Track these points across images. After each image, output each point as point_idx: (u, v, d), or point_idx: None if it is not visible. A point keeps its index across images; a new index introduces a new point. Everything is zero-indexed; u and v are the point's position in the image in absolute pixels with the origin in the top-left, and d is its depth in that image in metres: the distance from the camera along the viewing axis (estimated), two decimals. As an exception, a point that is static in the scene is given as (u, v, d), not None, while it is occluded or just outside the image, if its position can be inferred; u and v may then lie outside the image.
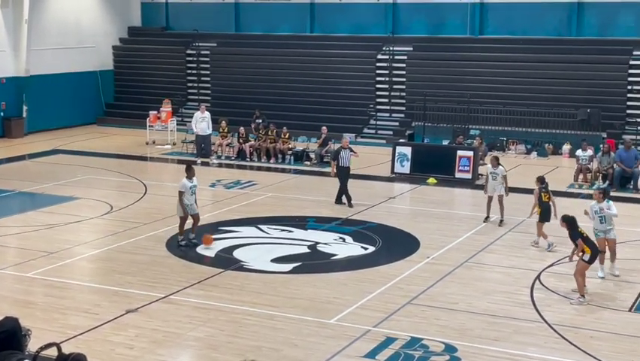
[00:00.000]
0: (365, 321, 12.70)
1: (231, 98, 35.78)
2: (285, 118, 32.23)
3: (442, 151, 25.99)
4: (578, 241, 13.80)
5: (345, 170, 21.05)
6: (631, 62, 31.19)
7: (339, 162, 21.03)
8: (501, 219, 19.04)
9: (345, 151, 21.10)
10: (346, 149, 21.15)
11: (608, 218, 15.00)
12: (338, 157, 21.07)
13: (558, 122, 30.21)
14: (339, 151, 21.13)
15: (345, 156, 21.04)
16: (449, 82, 32.68)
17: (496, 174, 19.12)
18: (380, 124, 33.68)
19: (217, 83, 37.13)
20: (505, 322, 12.76)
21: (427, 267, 15.73)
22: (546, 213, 17.04)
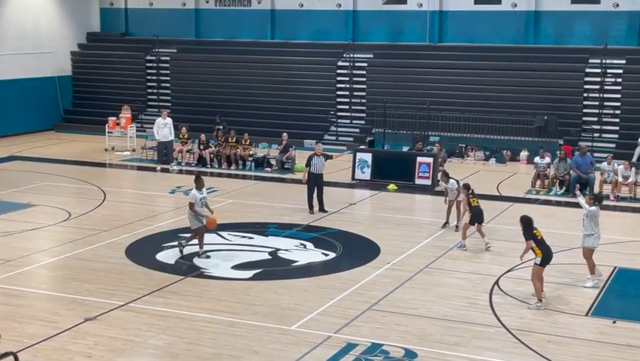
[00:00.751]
0: (326, 327, 12.70)
1: (192, 105, 35.61)
2: (246, 124, 32.15)
3: (402, 158, 26.11)
4: (528, 242, 13.96)
5: (316, 176, 21.06)
6: (587, 70, 31.69)
7: (310, 169, 21.02)
8: (457, 225, 19.21)
9: (318, 158, 21.11)
10: (319, 156, 21.15)
11: (587, 224, 15.11)
12: (310, 163, 21.07)
13: (516, 129, 30.56)
14: (311, 158, 21.14)
15: (316, 163, 21.04)
16: (409, 89, 32.89)
17: (451, 188, 19.36)
18: (341, 130, 33.77)
19: (177, 89, 36.92)
20: (465, 327, 12.85)
21: (387, 273, 15.78)
22: (478, 216, 17.53)
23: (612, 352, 11.94)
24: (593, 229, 15.08)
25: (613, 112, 30.89)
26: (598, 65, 31.55)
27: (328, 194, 21.41)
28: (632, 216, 21.71)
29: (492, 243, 17.70)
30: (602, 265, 15.61)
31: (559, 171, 24.37)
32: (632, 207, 22.42)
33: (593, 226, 15.08)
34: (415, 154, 25.69)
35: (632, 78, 30.92)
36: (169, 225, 19.44)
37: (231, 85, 35.85)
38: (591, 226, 15.09)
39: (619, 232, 19.16)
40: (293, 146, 27.96)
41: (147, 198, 22.91)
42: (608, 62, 31.40)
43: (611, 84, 31.18)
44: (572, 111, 31.14)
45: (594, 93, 31.31)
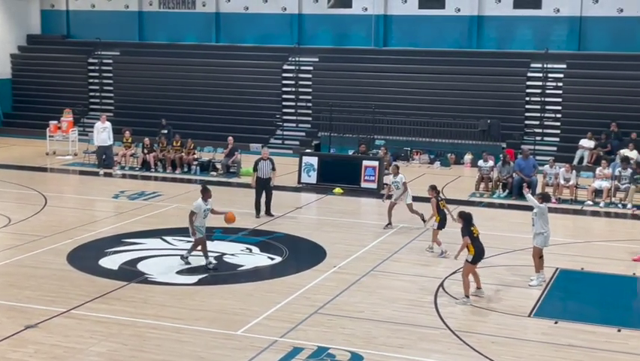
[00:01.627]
0: (272, 332, 12.68)
1: (135, 108, 35.25)
2: (191, 128, 31.95)
3: (347, 161, 26.24)
4: (465, 238, 14.18)
5: (264, 181, 20.98)
6: (529, 75, 32.27)
7: (258, 173, 20.94)
8: (423, 220, 19.39)
9: (265, 162, 21.02)
10: (266, 160, 21.07)
11: (537, 223, 15.36)
12: (257, 168, 20.98)
13: (460, 132, 30.94)
14: (258, 162, 21.05)
15: (263, 167, 20.97)
16: (355, 92, 33.07)
17: (397, 182, 19.50)
18: (287, 134, 33.78)
19: (120, 92, 36.52)
20: (410, 329, 12.95)
21: (333, 276, 15.82)
22: (445, 221, 17.43)
23: (554, 352, 12.16)
24: (542, 227, 15.31)
25: (554, 116, 31.51)
26: (539, 70, 32.15)
27: (275, 198, 21.36)
28: (573, 218, 22.15)
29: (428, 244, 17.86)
30: (544, 267, 15.85)
31: (502, 174, 24.74)
32: (573, 210, 22.87)
33: (542, 225, 15.30)
34: (361, 158, 25.83)
35: (573, 82, 31.60)
36: (112, 230, 19.19)
37: (176, 88, 35.59)
38: (541, 224, 15.31)
39: (560, 234, 19.50)
40: (239, 150, 27.88)
41: (89, 204, 22.59)
42: (549, 67, 32.02)
43: (552, 88, 31.80)
44: (515, 115, 31.68)
45: (536, 97, 31.90)
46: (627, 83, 30.75)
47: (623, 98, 30.54)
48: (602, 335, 12.84)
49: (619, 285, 15.87)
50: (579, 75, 31.67)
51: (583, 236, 19.78)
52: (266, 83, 35.18)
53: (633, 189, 22.91)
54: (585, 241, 19.17)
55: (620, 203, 23.13)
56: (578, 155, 29.05)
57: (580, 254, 17.86)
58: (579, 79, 31.59)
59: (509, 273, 16.22)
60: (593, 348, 12.29)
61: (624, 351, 12.24)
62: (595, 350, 12.22)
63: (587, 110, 30.72)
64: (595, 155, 28.65)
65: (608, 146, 28.94)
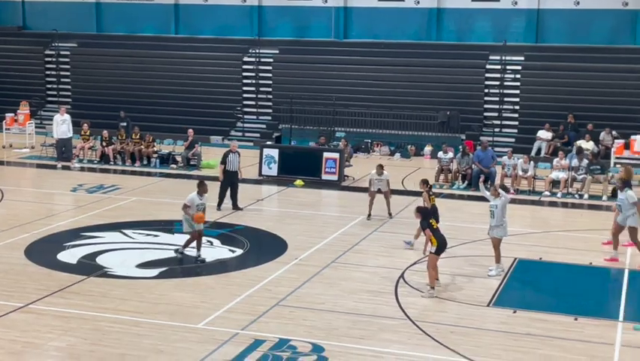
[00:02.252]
0: (233, 324, 12.67)
1: (93, 100, 34.87)
2: (150, 120, 31.71)
3: (308, 153, 26.23)
4: (426, 231, 14.29)
5: (232, 174, 20.85)
6: (487, 66, 32.56)
7: (226, 166, 20.81)
8: (389, 212, 19.75)
9: (234, 155, 20.91)
10: (234, 153, 20.96)
11: (499, 215, 15.49)
12: (226, 160, 20.84)
13: (420, 124, 31.13)
14: (227, 155, 20.92)
15: (232, 160, 20.84)
16: (315, 85, 33.08)
17: (382, 180, 19.61)
18: (247, 126, 33.69)
19: (78, 84, 36.08)
20: (371, 320, 13.03)
21: (294, 268, 15.84)
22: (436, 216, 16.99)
23: (513, 341, 12.32)
24: (502, 219, 15.48)
25: (512, 107, 31.84)
26: (498, 62, 32.46)
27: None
28: (531, 209, 22.43)
29: (399, 237, 17.99)
30: (502, 257, 16.04)
31: (461, 166, 24.95)
32: (530, 200, 23.16)
33: (502, 217, 15.48)
34: (322, 150, 25.84)
35: (531, 75, 31.96)
36: (70, 224, 18.99)
37: (135, 80, 35.28)
38: (501, 216, 15.47)
39: (518, 224, 19.75)
40: (199, 142, 27.75)
41: (47, 197, 22.31)
42: (508, 59, 32.35)
43: (510, 80, 32.13)
44: (474, 107, 31.96)
45: (494, 89, 32.20)
46: (584, 75, 31.19)
47: (580, 90, 30.97)
48: (559, 324, 13.04)
49: (576, 274, 16.12)
50: (537, 67, 32.04)
51: (541, 226, 20.04)
52: (226, 75, 35.03)
53: (589, 180, 23.26)
54: (543, 231, 19.43)
55: (576, 193, 23.46)
56: (536, 146, 29.41)
57: (538, 244, 18.10)
58: (537, 71, 31.96)
59: (468, 263, 16.39)
60: (551, 337, 12.48)
61: (580, 339, 12.44)
62: (552, 339, 12.40)
63: (545, 102, 31.10)
64: (552, 146, 29.03)
65: (565, 137, 29.33)
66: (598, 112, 29.97)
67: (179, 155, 27.52)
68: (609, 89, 30.64)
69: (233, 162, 20.83)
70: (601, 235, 17.48)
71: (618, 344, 12.25)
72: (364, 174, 25.38)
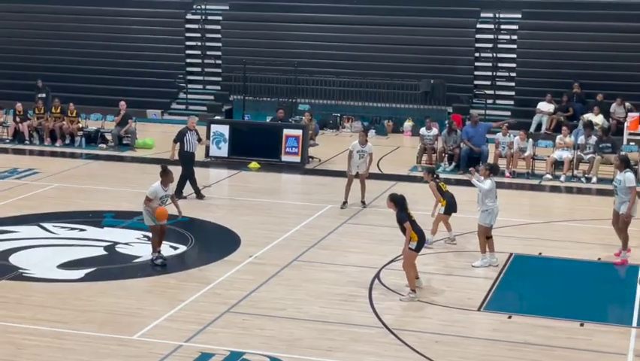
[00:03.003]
0: (175, 335, 12.65)
1: (4, 67, 34.47)
2: (74, 91, 31.48)
3: (265, 130, 26.22)
4: (406, 224, 14.23)
5: (191, 155, 20.80)
6: (478, 26, 32.72)
7: (184, 146, 20.72)
8: (362, 200, 19.84)
9: (192, 133, 20.83)
10: (192, 131, 20.88)
11: (481, 200, 15.67)
12: (183, 140, 20.75)
13: (398, 95, 31.23)
14: (184, 132, 20.80)
15: (191, 139, 20.78)
16: (273, 48, 33.01)
17: (365, 152, 19.68)
18: (192, 98, 33.57)
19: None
20: (341, 329, 13.09)
21: (249, 268, 15.85)
22: (453, 204, 17.17)
23: (507, 351, 12.46)
24: (486, 204, 15.67)
25: (508, 74, 32.08)
26: (491, 20, 32.62)
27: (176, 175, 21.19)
28: (530, 195, 22.66)
29: (373, 229, 18.06)
30: (497, 252, 16.19)
31: (447, 144, 25.10)
32: (529, 185, 23.39)
33: (487, 202, 15.66)
34: (281, 126, 25.82)
35: (529, 35, 32.17)
36: (-22, 216, 18.83)
37: (55, 43, 34.96)
38: (484, 201, 15.65)
39: (515, 214, 19.93)
40: (133, 117, 27.62)
41: (-51, 184, 22.10)
42: (502, 17, 32.54)
43: (505, 42, 32.32)
44: (462, 74, 32.14)
45: (487, 53, 32.38)
46: (592, 35, 31.47)
47: (588, 53, 31.27)
48: (562, 331, 13.20)
49: (582, 272, 16.33)
50: (537, 27, 32.26)
51: (541, 216, 20.24)
52: (166, 37, 34.82)
53: (598, 160, 23.52)
54: (544, 222, 19.63)
55: (583, 176, 23.72)
56: (536, 121, 29.67)
57: (537, 237, 18.28)
58: (536, 31, 32.18)
59: (456, 260, 16.52)
60: (552, 346, 12.63)
61: (587, 348, 12.61)
62: (554, 348, 12.55)
63: (546, 69, 31.36)
64: (555, 120, 29.31)
65: (569, 110, 29.63)
66: (609, 80, 30.30)
67: (109, 132, 27.37)
68: (622, 53, 30.98)
69: (191, 141, 20.79)
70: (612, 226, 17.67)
71: (631, 353, 12.44)
72: (332, 155, 25.45)
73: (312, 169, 24.91)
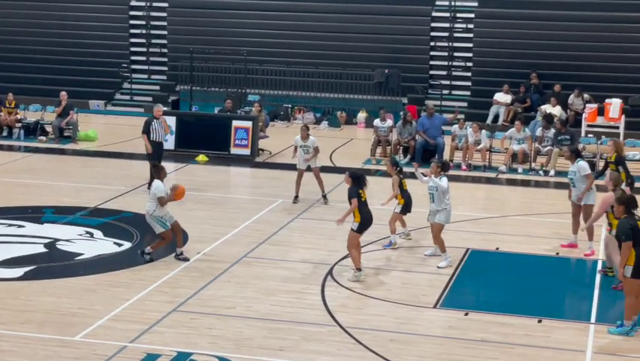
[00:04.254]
0: (119, 336, 12.58)
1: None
2: (12, 80, 31.15)
3: (213, 122, 26.15)
4: (353, 200, 14.78)
5: (158, 145, 20.76)
6: (434, 14, 32.88)
7: (149, 136, 20.66)
8: (323, 195, 19.95)
9: (158, 122, 20.77)
10: (159, 119, 20.79)
11: (437, 199, 15.73)
12: (149, 129, 20.66)
13: (352, 85, 31.29)
14: (150, 122, 20.73)
15: (157, 128, 20.73)
16: (222, 36, 32.91)
17: (308, 147, 19.67)
18: (136, 88, 33.36)
19: None
20: (292, 327, 13.09)
21: (197, 265, 15.80)
22: (409, 205, 17.09)
23: (464, 349, 12.54)
24: (445, 202, 15.80)
25: (464, 64, 32.28)
26: (446, 8, 32.79)
27: (123, 168, 21.14)
28: (486, 188, 22.85)
29: (325, 225, 18.10)
30: (452, 248, 16.33)
31: (402, 136, 25.19)
32: (485, 178, 23.55)
33: (445, 200, 15.81)
34: (230, 117, 25.75)
35: (486, 24, 32.40)
36: None
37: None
38: (442, 199, 15.76)
39: (471, 208, 20.09)
40: (74, 108, 27.38)
41: None
42: (458, 5, 32.73)
43: (461, 31, 32.50)
44: (418, 64, 32.28)
45: (442, 42, 32.54)
46: (550, 25, 31.77)
47: (545, 43, 31.55)
48: (520, 328, 13.31)
49: (540, 267, 16.48)
50: (493, 15, 32.50)
51: (498, 210, 20.42)
52: (109, 24, 34.52)
53: (556, 153, 23.73)
54: (500, 216, 19.80)
55: (541, 169, 23.96)
56: (493, 112, 29.91)
57: (494, 231, 18.45)
58: (493, 20, 32.42)
59: (411, 255, 16.59)
60: (510, 343, 12.73)
61: (546, 346, 12.73)
62: (512, 346, 12.65)
63: (503, 59, 31.62)
64: (512, 111, 29.57)
65: (527, 101, 29.92)
66: (567, 70, 30.64)
67: (49, 124, 27.12)
68: (580, 43, 31.32)
69: (157, 130, 20.77)
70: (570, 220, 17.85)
71: (590, 350, 12.58)
72: (283, 147, 25.43)
73: (262, 162, 24.88)
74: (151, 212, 15.70)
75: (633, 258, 12.67)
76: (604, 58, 30.80)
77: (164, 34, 34.21)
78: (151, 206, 15.70)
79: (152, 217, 15.74)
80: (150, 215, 15.74)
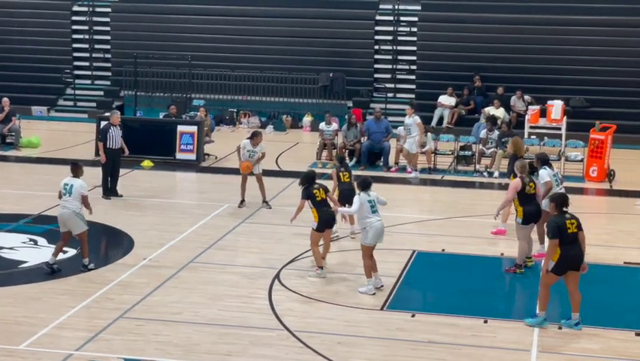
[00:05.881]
0: (65, 344, 12.46)
1: None
2: (-49, 87, 30.62)
3: (159, 127, 26.01)
4: (300, 202, 15.41)
5: (114, 152, 20.62)
6: (377, 18, 33.01)
7: (106, 143, 20.52)
8: (264, 200, 19.91)
9: (115, 129, 20.64)
10: (116, 126, 20.66)
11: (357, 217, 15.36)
12: (107, 137, 20.52)
13: (297, 89, 31.32)
14: (107, 129, 20.59)
15: (114, 135, 20.63)
16: (166, 40, 32.76)
17: (256, 152, 19.60)
18: (80, 94, 33.06)
19: None
20: (240, 332, 13.06)
21: (143, 271, 15.70)
22: (347, 197, 16.86)
23: (411, 350, 12.60)
24: (362, 222, 14.74)
25: (408, 67, 32.45)
26: (390, 12, 32.93)
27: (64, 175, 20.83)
28: (432, 190, 23.00)
29: (272, 228, 18.08)
30: (399, 250, 16.39)
31: (348, 139, 25.26)
32: (431, 180, 23.71)
33: (362, 220, 14.76)
34: (176, 122, 25.65)
35: (429, 27, 32.61)
36: None
37: None
38: (359, 219, 14.91)
39: (417, 210, 20.20)
40: (17, 114, 27.07)
41: None
42: (402, 9, 32.89)
43: (405, 34, 32.67)
44: (362, 67, 32.40)
45: (386, 45, 32.69)
46: (493, 28, 32.09)
47: (488, 46, 31.86)
48: (466, 328, 13.42)
49: (485, 268, 16.62)
50: (436, 19, 32.71)
51: (443, 211, 20.54)
52: (51, 30, 34.18)
53: (500, 154, 23.95)
54: (446, 217, 19.92)
55: (485, 171, 24.17)
56: (437, 114, 30.11)
57: (440, 233, 18.56)
58: (436, 23, 32.63)
59: (358, 259, 16.60)
60: (457, 344, 12.83)
61: (492, 346, 12.85)
62: (459, 346, 12.75)
63: (447, 61, 31.83)
64: (456, 114, 29.80)
65: (470, 103, 30.17)
66: (509, 73, 30.95)
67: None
68: (522, 45, 31.65)
69: (114, 137, 20.67)
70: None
71: (535, 349, 12.72)
72: (229, 152, 25.36)
73: (208, 167, 24.79)
74: (77, 210, 15.47)
75: (558, 255, 13.02)
76: (545, 60, 31.18)
77: (107, 39, 33.94)
78: (76, 205, 15.47)
79: (78, 215, 15.51)
80: (77, 213, 15.49)
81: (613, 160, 24.11)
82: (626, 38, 31.18)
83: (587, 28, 31.56)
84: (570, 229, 13.10)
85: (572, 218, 13.28)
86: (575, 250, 13.14)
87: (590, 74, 30.88)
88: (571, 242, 13.09)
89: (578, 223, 13.28)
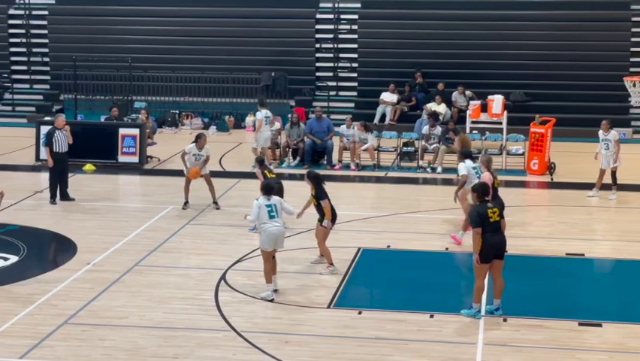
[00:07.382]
0: (9, 352, 12.32)
1: None
2: None
3: (99, 130, 25.79)
4: (324, 202, 15.40)
5: (61, 156, 20.43)
6: (318, 16, 33.10)
7: (52, 147, 20.32)
8: (214, 201, 19.90)
9: (61, 133, 20.36)
10: (61, 130, 20.35)
11: None
12: (52, 141, 20.26)
13: (239, 89, 31.30)
14: (52, 133, 20.33)
15: (60, 139, 20.41)
16: (105, 43, 32.55)
17: (201, 156, 19.62)
18: (18, 98, 32.71)
19: None
20: (187, 334, 13.02)
21: (87, 276, 15.57)
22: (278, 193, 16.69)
23: (358, 347, 12.66)
24: (260, 226, 14.58)
25: (350, 65, 32.57)
26: (330, 10, 33.03)
27: (7, 180, 20.70)
28: (376, 188, 23.11)
29: (216, 230, 18.05)
30: (344, 247, 16.47)
31: (291, 139, 25.29)
32: (375, 177, 23.82)
33: (261, 221, 14.52)
34: (117, 125, 25.48)
35: (369, 25, 32.77)
36: None
37: None
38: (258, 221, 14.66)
39: (361, 207, 20.28)
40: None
41: None
42: (342, 6, 33.01)
43: (345, 32, 32.80)
44: (304, 66, 32.46)
45: (328, 44, 32.78)
46: (432, 24, 32.34)
47: (429, 42, 32.09)
48: (412, 324, 13.51)
49: (431, 263, 16.75)
50: (376, 16, 32.89)
51: (388, 208, 20.65)
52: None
53: (443, 150, 24.17)
54: (390, 214, 20.04)
55: (428, 167, 24.35)
56: (379, 111, 30.27)
57: (385, 230, 18.67)
58: (377, 20, 32.80)
59: (304, 257, 16.66)
60: (404, 339, 12.91)
61: (438, 340, 12.95)
62: (405, 342, 12.84)
63: (388, 58, 32.03)
64: (398, 110, 29.98)
65: (412, 99, 30.37)
66: (450, 68, 31.21)
67: None
68: (462, 41, 31.94)
69: (60, 141, 20.43)
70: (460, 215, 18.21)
71: (481, 342, 12.86)
72: (172, 153, 25.26)
73: (151, 169, 24.65)
74: None
75: (480, 244, 13.29)
76: (485, 55, 31.51)
77: (45, 42, 33.60)
78: None
79: None
80: None
81: (553, 153, 24.42)
82: (564, 32, 31.64)
83: (525, 23, 31.96)
84: (492, 218, 13.36)
85: (495, 207, 13.53)
86: (497, 238, 13.44)
87: (530, 69, 31.28)
88: (493, 230, 13.35)
89: (501, 212, 13.54)
